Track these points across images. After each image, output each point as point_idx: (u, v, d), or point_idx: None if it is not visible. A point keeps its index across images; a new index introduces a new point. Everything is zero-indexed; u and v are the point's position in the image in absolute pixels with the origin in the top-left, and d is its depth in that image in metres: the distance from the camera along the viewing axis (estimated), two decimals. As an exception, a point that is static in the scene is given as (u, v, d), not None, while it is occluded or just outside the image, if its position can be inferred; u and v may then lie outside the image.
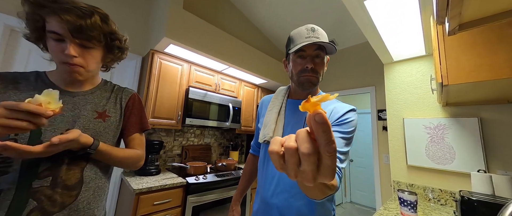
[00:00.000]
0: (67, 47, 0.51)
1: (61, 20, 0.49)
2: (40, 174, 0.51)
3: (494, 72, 0.77)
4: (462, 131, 1.27)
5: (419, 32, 1.20)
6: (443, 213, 1.13)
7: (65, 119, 0.56)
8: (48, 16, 0.50)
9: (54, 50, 0.53)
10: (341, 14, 2.20)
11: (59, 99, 0.46)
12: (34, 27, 0.53)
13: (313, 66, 0.62)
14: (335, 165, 0.21)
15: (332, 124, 0.59)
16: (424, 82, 1.48)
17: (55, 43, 0.52)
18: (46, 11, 0.50)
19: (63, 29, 0.50)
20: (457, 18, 0.44)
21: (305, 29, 0.62)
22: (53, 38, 0.51)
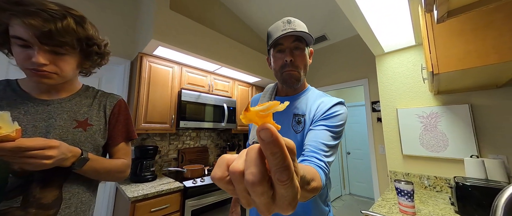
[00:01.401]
0: (35, 54, 0.46)
1: (25, 25, 0.44)
2: (8, 193, 0.45)
3: (482, 58, 0.77)
4: (454, 118, 1.29)
5: (408, 22, 1.21)
6: (439, 200, 1.15)
7: (37, 130, 0.51)
8: (11, 20, 0.45)
9: (19, 57, 0.47)
10: (331, 8, 2.19)
11: (12, 121, 0.38)
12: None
13: (292, 59, 0.60)
14: (294, 195, 0.16)
15: (319, 118, 0.57)
16: (415, 72, 1.49)
17: (20, 50, 0.47)
18: (7, 15, 0.44)
19: (28, 35, 0.45)
20: (445, 4, 0.43)
21: (281, 23, 0.60)
22: (18, 43, 0.46)
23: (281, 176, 0.15)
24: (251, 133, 0.68)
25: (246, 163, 0.16)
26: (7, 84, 0.55)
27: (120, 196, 1.48)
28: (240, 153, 0.18)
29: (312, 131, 0.54)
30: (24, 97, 0.53)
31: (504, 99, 1.16)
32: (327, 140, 0.51)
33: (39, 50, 0.46)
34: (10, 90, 0.54)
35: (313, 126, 0.56)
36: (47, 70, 0.48)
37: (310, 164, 0.45)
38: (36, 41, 0.46)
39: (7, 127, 0.36)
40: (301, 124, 0.62)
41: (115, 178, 0.64)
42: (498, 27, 0.73)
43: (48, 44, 0.47)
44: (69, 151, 0.48)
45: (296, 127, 0.62)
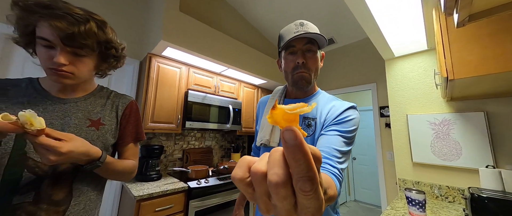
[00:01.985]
0: (57, 54, 0.49)
1: (51, 27, 0.46)
2: (21, 188, 0.47)
3: (500, 64, 0.74)
4: (468, 126, 1.24)
5: (420, 26, 1.18)
6: (452, 211, 1.10)
7: (53, 127, 0.52)
8: (39, 22, 0.48)
9: (42, 56, 0.50)
10: (339, 11, 2.18)
11: (36, 116, 0.41)
12: (24, 32, 0.50)
13: (304, 61, 0.59)
14: (319, 207, 0.15)
15: (331, 123, 0.56)
16: (427, 78, 1.45)
17: (44, 50, 0.49)
18: (36, 17, 0.47)
19: (53, 36, 0.48)
20: (467, 8, 0.41)
21: (294, 25, 0.60)
22: (42, 44, 0.49)
23: (304, 186, 0.14)
24: (259, 135, 0.67)
25: (269, 164, 0.15)
26: (29, 82, 0.57)
27: (125, 194, 1.50)
28: (262, 155, 0.17)
29: (324, 136, 0.53)
30: (43, 95, 0.56)
31: (522, 107, 1.11)
32: (340, 146, 0.50)
33: (61, 51, 0.49)
34: (32, 88, 0.56)
35: (325, 131, 0.55)
36: (66, 70, 0.51)
37: (324, 171, 0.44)
38: (59, 42, 0.48)
39: (35, 123, 0.40)
40: (311, 127, 0.60)
41: (124, 178, 0.66)
42: (518, 32, 0.70)
43: (70, 45, 0.49)
44: (84, 155, 0.48)
45: (306, 130, 0.61)
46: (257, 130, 0.79)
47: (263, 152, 0.72)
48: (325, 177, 0.34)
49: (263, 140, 0.64)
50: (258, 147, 0.80)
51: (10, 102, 0.51)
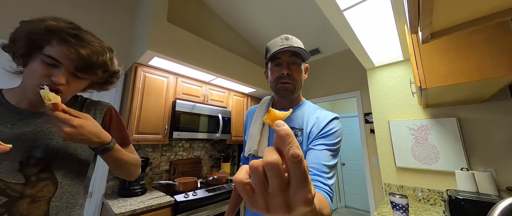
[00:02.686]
0: (58, 74, 0.48)
1: (70, 52, 0.48)
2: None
3: (466, 75, 0.82)
4: (443, 131, 1.33)
5: (395, 39, 1.27)
6: (433, 214, 1.15)
7: (25, 144, 0.50)
8: (54, 43, 0.48)
9: (38, 71, 0.47)
10: (324, 23, 2.29)
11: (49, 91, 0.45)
12: (32, 47, 0.48)
13: (288, 72, 0.62)
14: (304, 171, 0.18)
15: (317, 136, 0.58)
16: (405, 86, 1.55)
17: (42, 66, 0.47)
18: (57, 40, 0.48)
19: (66, 59, 0.48)
20: (428, 27, 0.46)
21: (280, 39, 0.63)
22: (46, 61, 0.47)
23: (294, 152, 0.18)
24: (247, 145, 0.69)
25: (265, 154, 0.19)
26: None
27: (106, 212, 1.40)
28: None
29: (313, 150, 0.56)
30: (11, 110, 0.52)
31: (488, 113, 1.21)
32: (328, 160, 0.53)
33: (65, 72, 0.49)
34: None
35: (312, 145, 0.57)
36: (60, 89, 0.50)
37: (317, 189, 0.46)
38: (69, 66, 0.49)
39: (51, 97, 0.44)
40: (298, 137, 0.62)
41: (131, 172, 0.66)
42: (478, 47, 0.78)
43: (81, 71, 0.51)
44: (94, 136, 0.51)
45: None
46: (246, 140, 0.79)
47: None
48: (319, 196, 0.36)
49: (251, 150, 0.65)
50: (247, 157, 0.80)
51: None
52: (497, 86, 0.92)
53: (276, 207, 0.18)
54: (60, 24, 0.48)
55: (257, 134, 0.67)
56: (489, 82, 0.83)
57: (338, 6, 0.98)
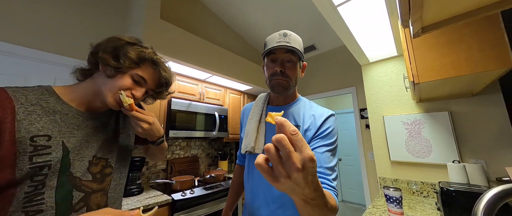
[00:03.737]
0: (141, 91, 0.58)
1: (158, 77, 0.60)
2: (74, 206, 0.50)
3: (456, 69, 0.83)
4: (436, 125, 1.35)
5: (389, 34, 1.28)
6: (426, 205, 1.18)
7: (90, 145, 0.56)
8: (149, 66, 0.58)
9: (124, 85, 0.54)
10: (320, 19, 2.29)
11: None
12: (131, 66, 0.55)
13: (282, 70, 0.62)
14: (305, 142, 0.26)
15: (315, 136, 0.60)
16: (399, 81, 1.57)
17: (131, 82, 0.56)
18: (149, 64, 0.58)
19: (152, 81, 0.60)
20: (419, 21, 0.46)
21: (278, 34, 0.63)
22: (135, 79, 0.56)
23: (292, 129, 0.26)
24: (244, 142, 0.69)
25: (274, 137, 0.25)
26: (48, 93, 0.52)
27: (102, 212, 1.39)
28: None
29: (315, 153, 0.57)
30: (73, 112, 0.54)
31: (479, 106, 1.24)
32: (329, 162, 0.56)
33: (145, 91, 0.59)
34: (55, 102, 0.52)
35: (312, 147, 0.59)
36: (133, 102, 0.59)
37: (324, 188, 0.49)
38: (151, 85, 0.60)
39: (127, 100, 0.53)
40: None
41: (163, 156, 0.79)
42: (467, 41, 0.80)
43: (156, 89, 0.63)
44: (157, 131, 0.62)
45: None
46: (242, 137, 0.79)
47: (249, 159, 0.72)
48: (327, 193, 0.43)
49: (248, 147, 0.66)
50: (243, 154, 0.81)
51: (43, 121, 0.48)
52: (487, 79, 0.94)
53: (291, 168, 0.25)
54: (156, 55, 0.59)
55: (254, 131, 0.67)
56: (479, 76, 0.84)
57: (332, 1, 0.98)
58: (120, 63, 0.53)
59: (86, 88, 0.56)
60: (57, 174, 0.47)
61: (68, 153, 0.50)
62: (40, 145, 0.45)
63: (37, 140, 0.45)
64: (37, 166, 0.44)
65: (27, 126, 0.45)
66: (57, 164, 0.47)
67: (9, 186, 0.42)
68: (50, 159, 0.46)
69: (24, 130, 0.44)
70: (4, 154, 0.41)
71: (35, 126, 0.46)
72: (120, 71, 0.54)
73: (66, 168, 0.49)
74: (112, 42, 0.55)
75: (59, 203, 0.48)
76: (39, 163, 0.44)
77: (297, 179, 0.25)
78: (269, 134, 0.67)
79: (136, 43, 0.57)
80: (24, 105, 0.46)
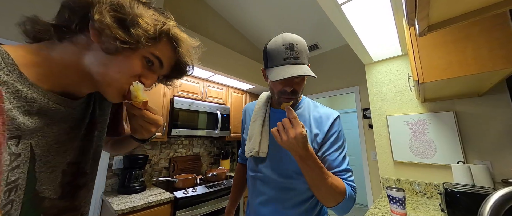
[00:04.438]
0: (153, 78, 0.43)
1: (178, 62, 0.46)
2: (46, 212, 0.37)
3: (463, 69, 0.81)
4: (440, 125, 1.33)
5: (394, 33, 1.26)
6: (429, 206, 1.16)
7: (61, 147, 0.40)
8: (163, 43, 0.41)
9: (132, 68, 0.38)
10: (322, 18, 2.27)
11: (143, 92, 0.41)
12: (147, 44, 0.38)
13: (293, 89, 0.59)
14: (299, 122, 0.50)
15: (325, 141, 0.62)
16: (403, 81, 1.55)
17: (142, 64, 0.39)
18: (166, 40, 0.42)
19: (168, 64, 0.44)
20: (425, 20, 0.45)
21: (283, 47, 0.55)
22: (149, 60, 0.40)
23: (292, 116, 0.51)
24: (247, 146, 0.69)
25: (280, 122, 0.53)
26: (7, 66, 0.32)
27: (106, 209, 1.41)
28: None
29: (328, 160, 0.60)
30: (48, 97, 0.37)
31: (485, 107, 1.22)
32: (342, 164, 0.60)
33: (158, 77, 0.45)
34: (17, 80, 0.31)
35: (325, 153, 0.61)
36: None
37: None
38: (167, 70, 0.45)
39: (141, 96, 0.40)
40: None
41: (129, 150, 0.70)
42: (475, 39, 0.78)
43: (171, 75, 0.49)
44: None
45: None
46: (244, 139, 0.79)
47: (253, 162, 0.71)
48: (335, 176, 0.56)
49: (253, 151, 0.66)
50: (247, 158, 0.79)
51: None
52: (495, 79, 0.92)
53: (290, 134, 0.49)
54: (181, 32, 0.43)
55: (258, 135, 0.67)
56: (487, 76, 0.83)
57: (336, 0, 0.97)
58: (131, 36, 0.34)
59: (64, 63, 0.35)
60: (21, 198, 0.31)
61: (34, 162, 0.33)
62: (11, 152, 0.29)
63: (9, 144, 0.28)
64: (7, 189, 0.28)
65: None
66: (23, 183, 0.31)
67: None
68: (18, 176, 0.30)
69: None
70: None
71: None
72: (128, 48, 0.35)
73: (31, 188, 0.33)
74: (126, 5, 0.35)
75: (27, 207, 0.32)
76: (11, 184, 0.29)
77: (292, 142, 0.49)
78: (272, 137, 0.66)
79: (151, 4, 0.40)
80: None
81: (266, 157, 0.65)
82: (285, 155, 0.62)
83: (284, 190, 0.62)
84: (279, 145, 0.63)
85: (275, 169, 0.64)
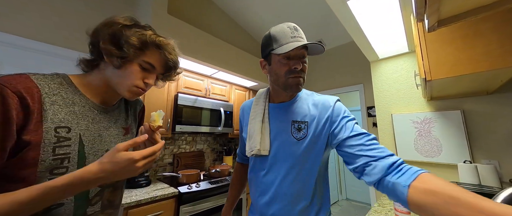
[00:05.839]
0: (152, 78, 0.55)
1: (165, 60, 0.55)
2: (91, 200, 0.51)
3: (473, 66, 0.79)
4: (447, 124, 1.31)
5: (401, 30, 1.24)
6: (434, 205, 1.15)
7: (102, 139, 0.54)
8: (154, 51, 0.54)
9: (135, 75, 0.52)
10: (327, 14, 2.24)
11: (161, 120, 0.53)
12: (135, 54, 0.51)
13: (301, 68, 0.59)
14: None
15: (339, 132, 0.57)
16: (409, 78, 1.52)
17: (139, 70, 0.52)
18: (154, 48, 0.54)
19: (159, 66, 0.55)
20: (435, 14, 0.44)
21: (288, 28, 0.58)
22: (143, 66, 0.53)
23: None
24: (248, 144, 0.67)
25: None
26: (66, 84, 0.50)
27: (112, 202, 1.44)
28: None
29: (352, 150, 0.54)
30: (90, 104, 0.52)
31: (494, 105, 1.19)
32: (368, 144, 0.53)
33: (155, 75, 0.56)
34: (74, 93, 0.50)
35: (345, 145, 0.55)
36: (147, 89, 0.56)
37: (397, 174, 0.46)
38: (160, 70, 0.57)
39: (159, 121, 0.52)
40: (302, 131, 0.61)
41: None
42: (486, 35, 0.76)
43: (166, 74, 0.59)
44: None
45: (297, 134, 0.61)
46: (243, 137, 0.76)
47: (255, 161, 0.69)
48: (429, 178, 0.41)
49: (254, 150, 0.63)
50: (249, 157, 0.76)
51: (64, 112, 0.46)
52: (505, 77, 0.90)
53: None
54: (158, 37, 0.54)
55: (258, 132, 0.65)
56: (497, 73, 0.81)
57: (342, -5, 0.96)
58: (124, 52, 0.49)
59: (97, 80, 0.54)
60: (76, 167, 0.47)
61: (83, 146, 0.49)
62: (62, 136, 0.44)
63: (60, 131, 0.44)
64: (59, 158, 0.44)
65: (52, 116, 0.44)
66: (75, 157, 0.47)
67: (30, 178, 0.41)
68: (70, 152, 0.45)
69: (50, 120, 0.43)
70: (30, 144, 0.40)
71: (57, 117, 0.45)
72: (127, 61, 0.50)
73: (82, 162, 0.48)
74: (109, 27, 0.50)
75: (78, 196, 0.48)
76: (61, 155, 0.44)
77: None
78: (274, 133, 0.65)
79: (134, 25, 0.52)
80: (48, 94, 0.44)
81: (269, 155, 0.63)
82: (289, 151, 0.61)
83: (290, 187, 0.60)
84: (282, 141, 0.62)
85: (278, 166, 0.62)
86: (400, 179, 0.43)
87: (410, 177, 0.42)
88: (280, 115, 0.66)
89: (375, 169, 0.48)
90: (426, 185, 0.39)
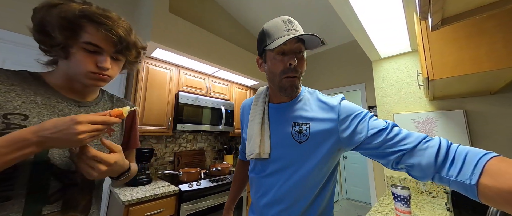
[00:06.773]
0: (105, 60, 0.49)
1: (107, 36, 0.47)
2: (50, 197, 0.45)
3: (476, 65, 0.78)
4: (449, 124, 1.30)
5: (403, 29, 1.23)
6: (435, 206, 1.15)
7: None
8: (87, 28, 0.46)
9: (84, 60, 0.47)
10: (328, 13, 2.23)
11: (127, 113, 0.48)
12: (70, 37, 0.46)
13: (296, 64, 0.54)
14: None
15: (355, 136, 0.52)
16: (411, 78, 1.51)
17: (86, 54, 0.47)
18: (94, 25, 0.46)
19: (105, 43, 0.48)
20: (439, 12, 0.44)
21: (282, 22, 0.54)
22: (88, 49, 0.47)
23: None
24: (248, 147, 0.64)
25: None
26: (32, 78, 0.49)
27: (113, 199, 1.45)
28: None
29: (377, 153, 0.50)
30: (57, 96, 0.50)
31: (497, 106, 1.18)
32: (396, 135, 0.49)
33: (107, 56, 0.50)
34: (39, 85, 0.49)
35: (367, 147, 0.52)
36: (107, 74, 0.51)
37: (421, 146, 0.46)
38: (110, 49, 0.49)
39: (125, 112, 0.46)
40: (303, 133, 0.57)
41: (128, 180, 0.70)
42: (491, 34, 0.75)
43: (119, 52, 0.51)
44: (121, 167, 0.51)
45: (298, 136, 0.58)
46: (244, 138, 0.74)
47: (255, 163, 0.67)
48: (501, 164, 0.35)
49: (253, 153, 0.60)
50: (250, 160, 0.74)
51: (22, 100, 0.44)
52: (509, 77, 0.89)
53: None
54: (91, 7, 0.46)
55: (257, 135, 0.61)
56: (501, 73, 0.80)
57: (344, -7, 0.95)
58: (54, 38, 0.44)
59: (60, 76, 0.51)
60: (32, 158, 0.43)
61: None
62: (13, 123, 0.41)
63: (11, 118, 0.42)
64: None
65: (3, 103, 0.42)
66: None
67: None
68: None
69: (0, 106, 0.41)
70: None
71: (11, 104, 0.42)
72: (67, 47, 0.46)
73: (43, 153, 0.45)
74: (36, 16, 0.45)
75: (32, 193, 0.43)
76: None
77: None
78: (274, 135, 0.61)
79: (59, 4, 0.45)
80: (3, 82, 0.43)
81: (269, 158, 0.60)
82: (290, 154, 0.58)
83: (290, 191, 0.58)
84: (282, 144, 0.59)
85: (279, 169, 0.59)
86: (460, 176, 0.37)
87: (473, 170, 0.36)
88: (280, 116, 0.63)
89: (421, 163, 0.43)
90: (499, 184, 0.31)
